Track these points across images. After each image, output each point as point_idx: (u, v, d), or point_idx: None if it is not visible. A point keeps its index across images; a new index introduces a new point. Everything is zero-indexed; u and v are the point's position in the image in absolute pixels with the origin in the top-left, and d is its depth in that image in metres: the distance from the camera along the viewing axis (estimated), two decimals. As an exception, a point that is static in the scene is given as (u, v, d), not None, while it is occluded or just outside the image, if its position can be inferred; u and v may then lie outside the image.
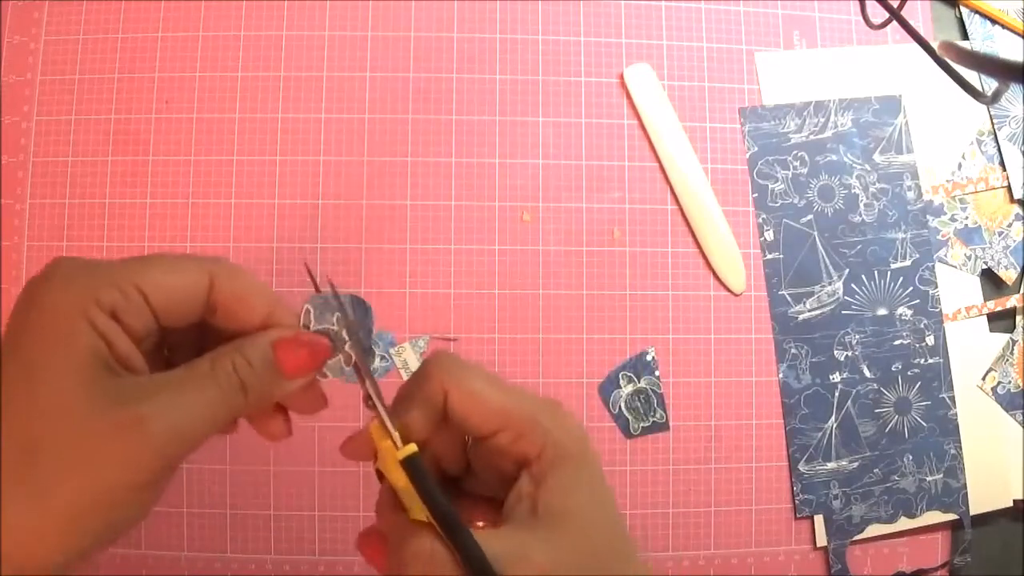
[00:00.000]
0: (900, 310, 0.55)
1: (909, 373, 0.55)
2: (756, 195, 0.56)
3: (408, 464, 0.27)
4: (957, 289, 0.56)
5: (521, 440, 0.28)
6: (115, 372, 0.26)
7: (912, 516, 0.54)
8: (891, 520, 0.54)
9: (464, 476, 0.32)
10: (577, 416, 0.30)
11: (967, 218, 0.56)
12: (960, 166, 0.57)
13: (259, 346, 0.28)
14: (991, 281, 0.57)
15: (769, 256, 0.55)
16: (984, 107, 0.57)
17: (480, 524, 0.29)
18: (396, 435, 0.28)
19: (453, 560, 0.26)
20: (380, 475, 0.29)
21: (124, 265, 0.27)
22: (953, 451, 0.55)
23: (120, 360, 0.26)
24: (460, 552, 0.25)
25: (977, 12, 0.58)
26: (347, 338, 0.29)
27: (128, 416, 0.25)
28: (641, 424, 0.53)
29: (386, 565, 0.28)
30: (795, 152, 0.56)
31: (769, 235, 0.55)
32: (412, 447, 0.27)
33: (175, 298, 0.28)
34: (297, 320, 0.29)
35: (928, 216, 0.56)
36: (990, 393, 0.55)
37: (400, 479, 0.27)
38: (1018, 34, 0.57)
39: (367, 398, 0.29)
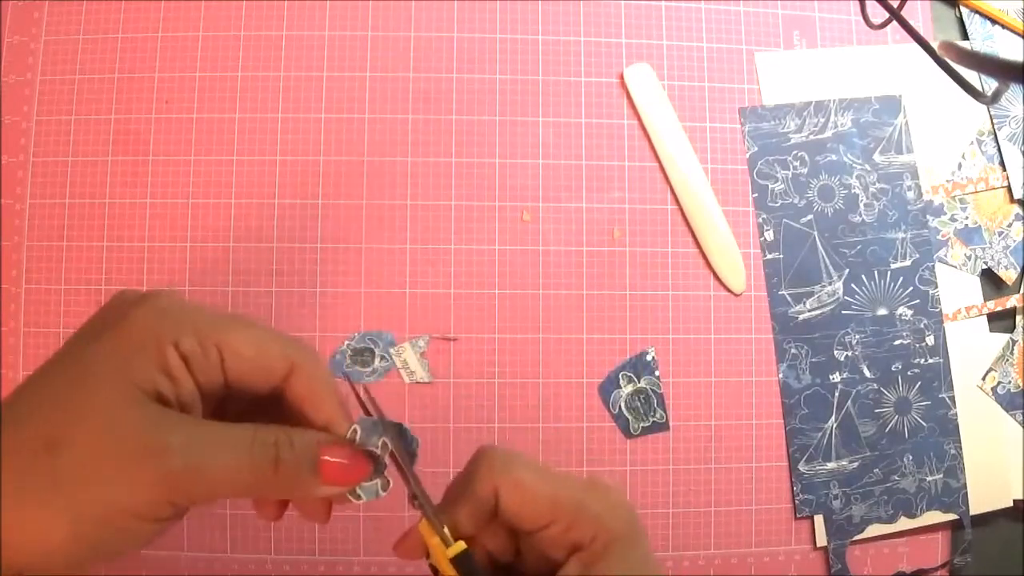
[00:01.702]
0: (900, 310, 0.55)
1: (909, 373, 0.55)
2: (756, 195, 0.56)
3: (458, 562, 0.28)
4: (957, 289, 0.56)
5: (572, 530, 0.29)
6: (167, 405, 0.26)
7: (912, 516, 0.54)
8: (891, 520, 0.54)
9: (515, 561, 0.32)
10: (621, 494, 0.30)
11: (967, 218, 0.56)
12: (960, 166, 0.57)
13: (307, 439, 0.28)
14: (991, 281, 0.57)
15: (769, 256, 0.55)
16: (984, 107, 0.57)
17: None
18: (446, 532, 0.28)
19: None
20: (434, 570, 0.30)
21: (215, 319, 0.27)
22: (953, 451, 0.55)
23: (182, 405, 0.26)
24: None
25: (977, 12, 0.58)
26: (387, 463, 0.29)
27: (155, 443, 0.25)
28: (641, 424, 0.53)
29: None
30: (795, 152, 0.56)
31: (769, 235, 0.55)
32: (461, 545, 0.28)
33: (250, 371, 0.28)
34: (345, 427, 0.29)
35: (928, 216, 0.56)
36: (990, 393, 0.55)
37: (452, 574, 0.28)
38: (1018, 34, 0.57)
39: (413, 497, 0.29)
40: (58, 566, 0.25)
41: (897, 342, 0.55)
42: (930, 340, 0.55)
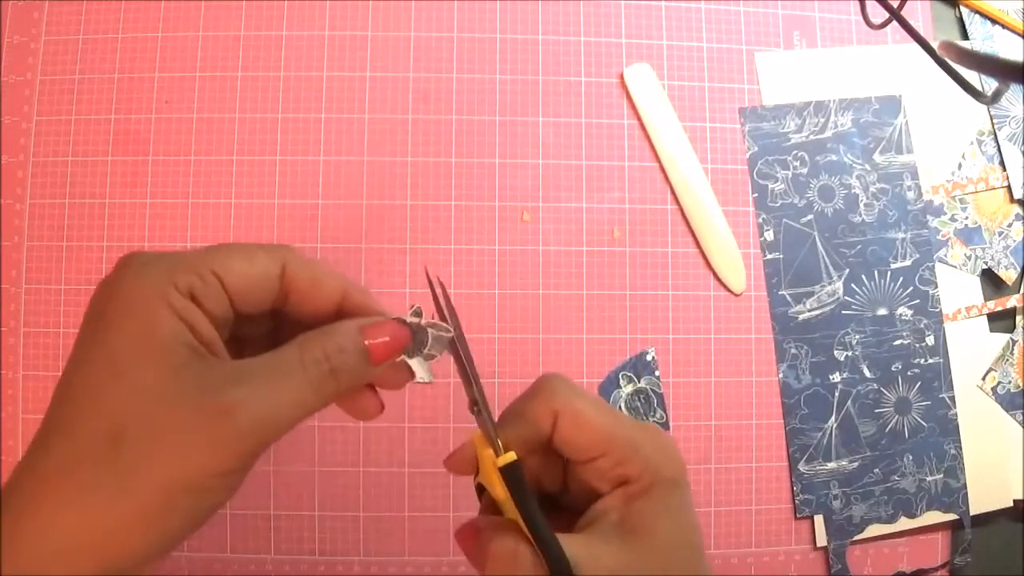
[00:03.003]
0: (900, 310, 0.55)
1: (909, 373, 0.55)
2: (756, 195, 0.56)
3: (507, 471, 0.28)
4: (957, 289, 0.56)
5: (621, 465, 0.29)
6: (200, 355, 0.26)
7: (912, 516, 0.54)
8: (891, 520, 0.54)
9: (561, 494, 0.32)
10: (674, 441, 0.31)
11: (967, 218, 0.56)
12: (960, 166, 0.57)
13: (349, 332, 0.28)
14: (991, 281, 0.57)
15: (769, 256, 0.55)
16: (984, 107, 0.56)
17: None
18: (499, 443, 0.29)
19: (536, 561, 0.27)
20: (480, 491, 0.31)
21: (197, 252, 0.27)
22: (953, 451, 0.55)
23: (203, 342, 0.26)
24: (543, 551, 0.27)
25: (977, 12, 0.58)
26: (421, 320, 0.30)
27: (216, 404, 0.25)
28: (641, 424, 0.53)
29: (476, 558, 0.29)
30: (795, 152, 0.56)
31: (769, 235, 0.55)
32: (512, 455, 0.28)
33: (250, 282, 0.28)
34: (372, 301, 0.30)
35: (928, 216, 0.56)
36: (990, 393, 0.55)
37: (499, 489, 0.28)
38: (1018, 34, 0.57)
39: (473, 403, 0.29)
40: (156, 554, 0.25)
41: (897, 342, 0.55)
42: (930, 340, 0.55)
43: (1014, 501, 0.55)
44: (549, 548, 0.27)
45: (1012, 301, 0.56)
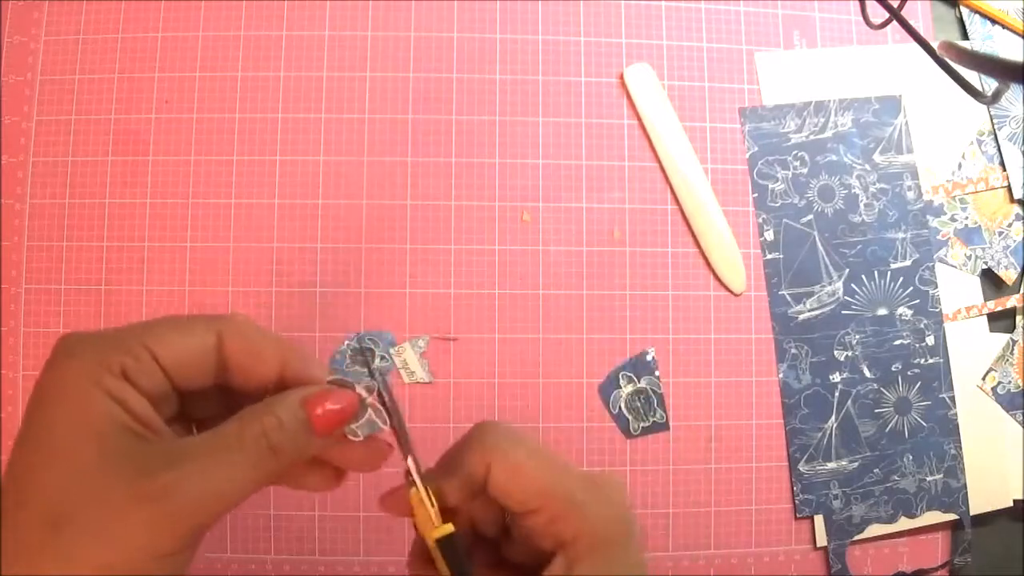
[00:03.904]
0: (900, 310, 0.55)
1: (909, 373, 0.55)
2: (756, 195, 0.56)
3: (443, 544, 0.28)
4: (957, 289, 0.56)
5: (557, 523, 0.28)
6: (137, 435, 0.25)
7: (912, 516, 0.54)
8: (891, 520, 0.54)
9: (502, 539, 0.31)
10: (620, 492, 0.30)
11: (967, 218, 0.56)
12: (960, 166, 0.57)
13: (289, 405, 0.27)
14: (991, 281, 0.57)
15: (769, 256, 0.55)
16: (984, 107, 0.57)
17: None
18: (435, 512, 0.28)
19: None
20: (417, 529, 0.30)
21: (130, 329, 0.27)
22: (953, 451, 0.55)
23: (139, 421, 0.26)
24: None
25: (977, 12, 0.58)
26: (368, 396, 0.29)
27: (152, 486, 0.24)
28: (641, 424, 0.53)
29: None
30: (795, 152, 0.56)
31: (769, 235, 0.55)
32: (448, 528, 0.28)
33: (186, 357, 0.27)
34: (313, 367, 0.29)
35: (928, 216, 0.56)
36: (990, 393, 0.55)
37: (436, 556, 0.28)
38: (1018, 34, 0.57)
39: (407, 473, 0.29)
40: None
41: (897, 342, 0.55)
42: (930, 340, 0.55)
43: (1014, 501, 0.55)
44: None
45: (1012, 301, 0.56)
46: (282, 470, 0.27)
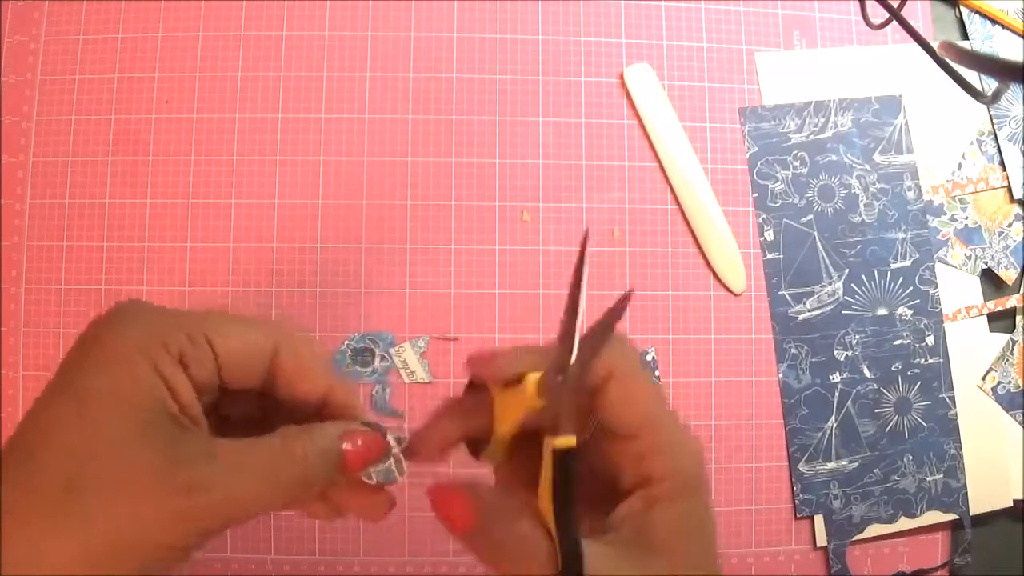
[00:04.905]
0: (900, 310, 0.55)
1: (909, 373, 0.55)
2: (756, 195, 0.56)
3: (562, 458, 0.26)
4: (957, 289, 0.56)
5: (650, 457, 0.27)
6: (177, 422, 0.25)
7: (912, 516, 0.54)
8: (891, 520, 0.54)
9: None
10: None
11: (967, 218, 0.56)
12: (960, 166, 0.57)
13: (328, 435, 0.27)
14: (991, 281, 0.57)
15: (769, 256, 0.55)
16: (984, 107, 0.56)
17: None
18: (566, 414, 0.26)
19: (550, 561, 0.25)
20: (473, 448, 0.29)
21: (195, 314, 0.27)
22: (953, 451, 0.55)
23: (183, 408, 0.25)
24: (563, 554, 0.25)
25: (977, 12, 0.58)
26: (395, 446, 0.29)
27: (183, 477, 0.24)
28: (641, 424, 0.53)
29: (470, 530, 0.26)
30: (795, 152, 0.56)
31: (769, 235, 0.55)
32: (571, 440, 0.26)
33: (241, 355, 0.27)
34: (356, 404, 0.29)
35: (928, 216, 0.56)
36: (990, 393, 0.55)
37: (547, 470, 0.26)
38: (1018, 34, 0.57)
39: (560, 371, 0.27)
40: None
41: (897, 342, 0.55)
42: (930, 340, 0.55)
43: (1014, 501, 0.55)
44: (571, 553, 0.25)
45: (1012, 301, 0.56)
46: (304, 496, 0.27)
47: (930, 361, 0.55)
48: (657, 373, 0.54)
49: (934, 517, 0.54)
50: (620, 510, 0.27)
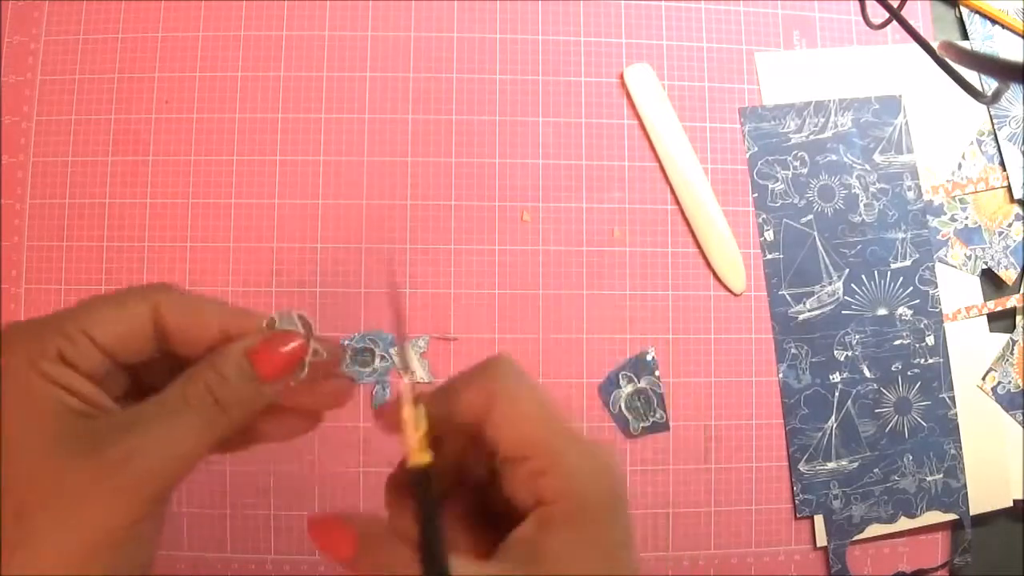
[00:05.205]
0: (900, 310, 0.55)
1: (909, 373, 0.55)
2: (756, 195, 0.56)
3: (415, 477, 0.26)
4: (957, 289, 0.56)
5: (540, 477, 0.26)
6: (84, 415, 0.25)
7: (912, 516, 0.54)
8: (891, 520, 0.54)
9: (488, 490, 0.29)
10: (615, 460, 0.27)
11: (967, 218, 0.56)
12: (960, 166, 0.57)
13: (231, 357, 0.27)
14: (991, 281, 0.57)
15: (769, 256, 0.55)
16: (984, 107, 0.57)
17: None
18: (419, 437, 0.26)
19: None
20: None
21: (64, 313, 0.27)
22: (953, 451, 0.55)
23: (85, 401, 0.26)
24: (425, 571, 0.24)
25: (977, 12, 0.58)
26: (305, 330, 0.28)
27: (105, 460, 0.24)
28: (641, 424, 0.53)
29: (351, 558, 0.26)
30: (795, 152, 0.56)
31: (769, 235, 0.55)
32: (425, 458, 0.26)
33: (120, 332, 0.27)
34: (252, 319, 0.29)
35: (928, 216, 0.56)
36: (990, 393, 0.55)
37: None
38: (1018, 34, 0.57)
39: (402, 392, 0.27)
40: None
41: (897, 342, 0.55)
42: (930, 340, 0.55)
43: (1014, 501, 0.55)
44: (437, 574, 0.24)
45: (1012, 301, 0.56)
46: (236, 424, 0.27)
47: (930, 361, 0.55)
48: (657, 373, 0.54)
49: (934, 517, 0.54)
50: (514, 533, 0.26)
